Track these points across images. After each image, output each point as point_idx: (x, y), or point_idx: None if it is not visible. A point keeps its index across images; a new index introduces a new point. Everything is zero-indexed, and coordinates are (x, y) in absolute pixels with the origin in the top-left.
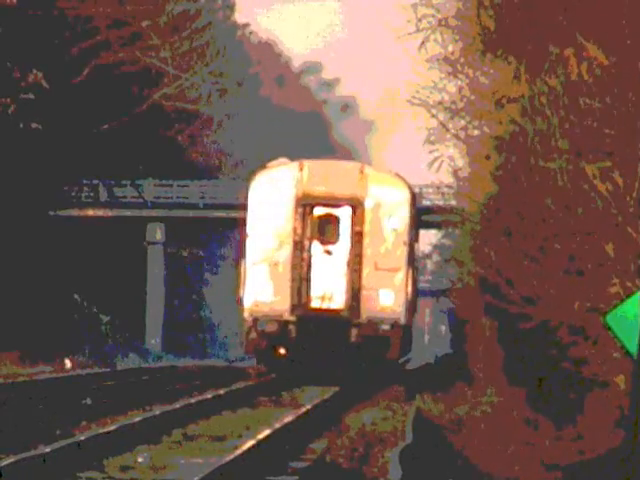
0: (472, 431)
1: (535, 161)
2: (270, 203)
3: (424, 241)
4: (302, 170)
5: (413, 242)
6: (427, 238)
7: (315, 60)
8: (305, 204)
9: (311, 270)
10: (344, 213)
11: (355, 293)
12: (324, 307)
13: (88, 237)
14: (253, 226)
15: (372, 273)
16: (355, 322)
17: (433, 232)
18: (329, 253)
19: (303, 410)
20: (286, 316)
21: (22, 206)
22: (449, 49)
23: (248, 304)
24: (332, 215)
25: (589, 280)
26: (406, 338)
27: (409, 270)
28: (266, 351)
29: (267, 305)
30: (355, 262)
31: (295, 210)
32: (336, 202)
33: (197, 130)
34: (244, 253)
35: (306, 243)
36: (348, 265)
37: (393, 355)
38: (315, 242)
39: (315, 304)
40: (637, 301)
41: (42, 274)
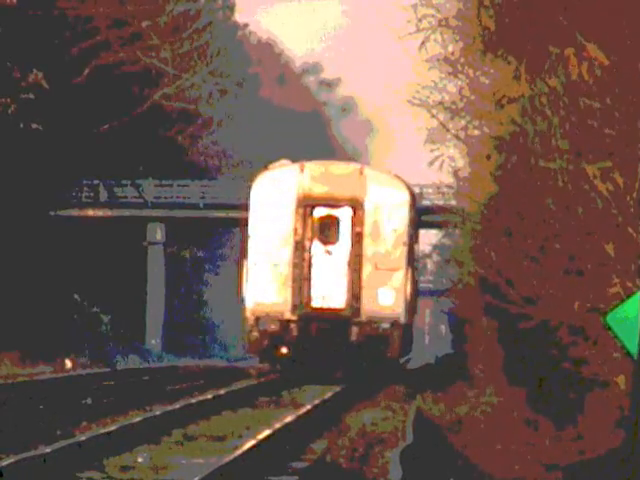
0: (472, 431)
1: (535, 161)
2: (271, 204)
3: (424, 241)
4: (303, 171)
5: (413, 242)
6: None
7: (315, 60)
8: (306, 205)
9: (312, 270)
10: (344, 214)
11: (355, 293)
12: (325, 307)
13: (88, 237)
14: (255, 227)
15: (372, 273)
16: (355, 321)
17: (433, 232)
18: (329, 253)
19: (303, 410)
20: (287, 315)
21: (22, 206)
22: (449, 49)
23: (250, 304)
24: (332, 216)
25: (589, 280)
26: (406, 337)
27: (409, 270)
28: (268, 350)
29: (269, 305)
30: (355, 262)
31: (296, 211)
32: (336, 203)
33: (197, 130)
34: (246, 253)
35: (307, 243)
36: (348, 265)
37: (393, 354)
38: (316, 242)
39: (316, 304)
40: (637, 301)
41: (42, 274)
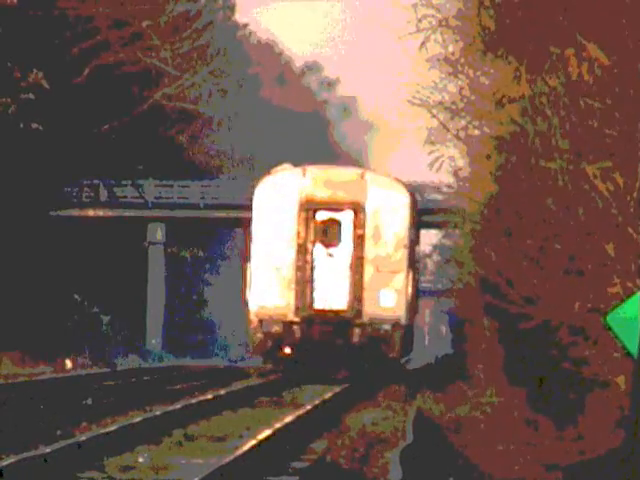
0: (472, 431)
1: (535, 161)
2: (274, 208)
3: (424, 241)
4: (305, 176)
5: (414, 244)
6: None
7: (315, 60)
8: (308, 208)
9: (314, 272)
10: (346, 217)
11: (357, 295)
12: (327, 308)
13: (89, 237)
14: (258, 230)
15: (373, 275)
16: (357, 323)
17: (434, 232)
18: (331, 256)
19: (303, 410)
20: (290, 317)
21: (23, 206)
22: (449, 49)
23: (254, 306)
24: (334, 219)
25: (589, 280)
26: (407, 338)
27: (410, 272)
28: (272, 351)
29: (272, 306)
30: (357, 264)
31: (299, 214)
32: (338, 206)
33: (198, 130)
34: (249, 256)
35: (309, 246)
36: (350, 267)
37: (394, 354)
38: (318, 245)
39: (318, 305)
40: (637, 301)
41: (43, 274)
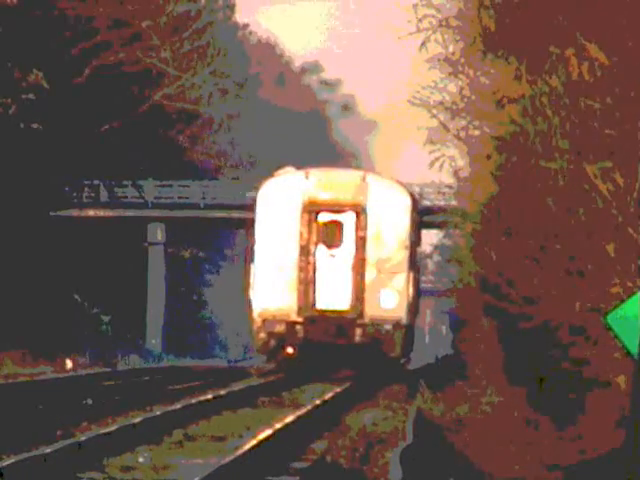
0: (472, 431)
1: (536, 161)
2: (277, 210)
3: (425, 241)
4: (308, 178)
5: (414, 245)
6: (428, 238)
7: (315, 60)
8: (311, 210)
9: (317, 273)
10: (348, 219)
11: (359, 295)
12: (329, 309)
13: (89, 237)
14: (261, 232)
15: (375, 276)
16: (359, 322)
17: (434, 232)
18: (333, 257)
19: (304, 410)
20: (293, 317)
21: (23, 206)
22: (450, 49)
23: (257, 306)
24: (336, 221)
25: (590, 280)
26: (408, 338)
27: (410, 272)
28: (275, 350)
29: (275, 307)
30: (359, 265)
31: (301, 216)
32: (340, 208)
33: (198, 130)
34: (252, 257)
35: (312, 247)
36: (352, 268)
37: (395, 354)
38: (320, 246)
39: (321, 306)
40: (638, 301)
41: (43, 274)
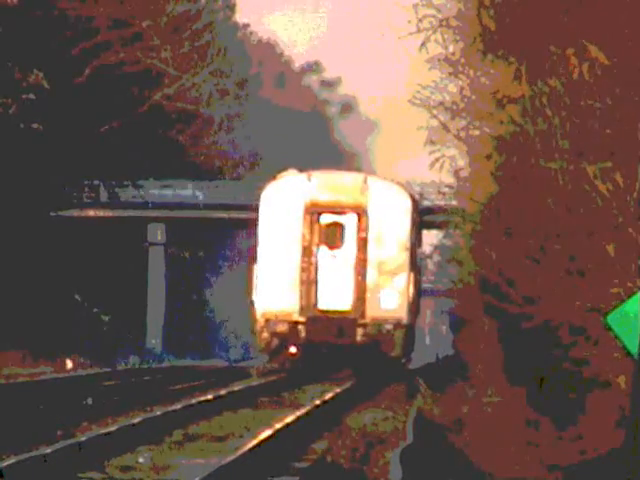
0: (472, 431)
1: (536, 161)
2: (280, 212)
3: (425, 241)
4: (310, 180)
5: (415, 246)
6: (428, 238)
7: (316, 60)
8: (313, 212)
9: (319, 274)
10: (349, 220)
11: (360, 295)
12: (331, 309)
13: (89, 238)
14: (264, 233)
15: (376, 276)
16: (360, 322)
17: (434, 232)
18: (335, 258)
19: (304, 410)
20: (296, 317)
21: (23, 207)
22: (450, 49)
23: (260, 306)
24: (338, 222)
25: (590, 280)
26: (409, 337)
27: (411, 273)
28: (277, 350)
29: (278, 307)
30: (360, 266)
31: (304, 218)
32: (342, 210)
33: (198, 130)
34: (256, 258)
35: (314, 248)
36: (353, 269)
37: (396, 353)
38: (322, 247)
39: (323, 306)
40: (638, 301)
41: (43, 275)
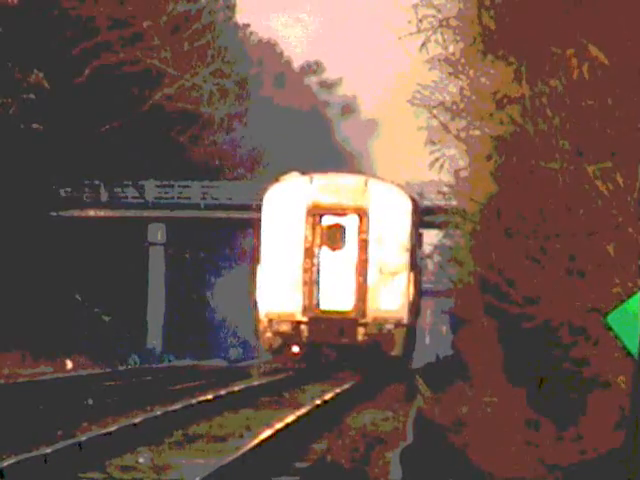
0: (472, 431)
1: (536, 161)
2: (283, 213)
3: (425, 241)
4: (312, 183)
5: (415, 247)
6: (428, 238)
7: (316, 60)
8: (315, 214)
9: (320, 274)
10: (350, 222)
11: (361, 295)
12: (333, 309)
13: (89, 238)
14: (267, 234)
15: (377, 277)
16: (361, 322)
17: (434, 232)
18: (337, 259)
19: (304, 410)
20: (298, 317)
21: (23, 207)
22: (450, 50)
23: (263, 306)
24: (339, 224)
25: (590, 280)
26: (409, 337)
27: (411, 274)
28: (280, 349)
29: (281, 307)
30: (361, 267)
31: (306, 219)
32: (343, 212)
33: (198, 130)
34: (259, 259)
35: (316, 249)
36: (355, 269)
37: (397, 353)
38: (324, 248)
39: (325, 306)
40: (638, 301)
41: (43, 275)
